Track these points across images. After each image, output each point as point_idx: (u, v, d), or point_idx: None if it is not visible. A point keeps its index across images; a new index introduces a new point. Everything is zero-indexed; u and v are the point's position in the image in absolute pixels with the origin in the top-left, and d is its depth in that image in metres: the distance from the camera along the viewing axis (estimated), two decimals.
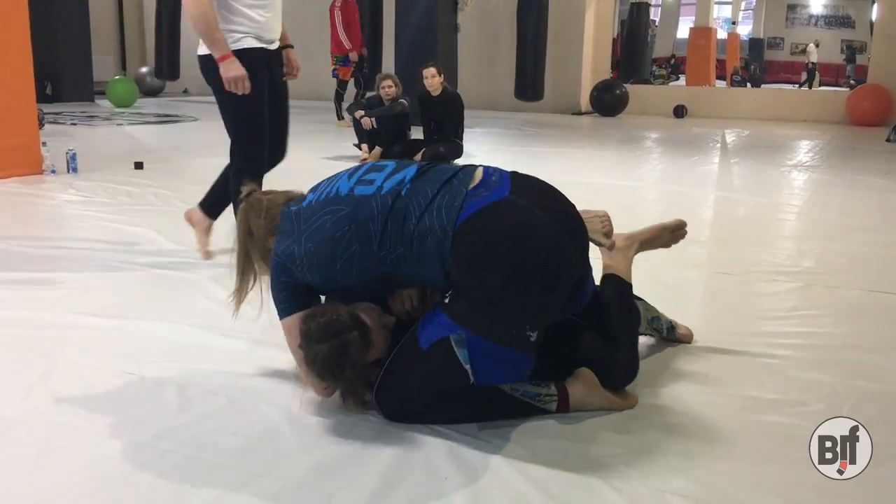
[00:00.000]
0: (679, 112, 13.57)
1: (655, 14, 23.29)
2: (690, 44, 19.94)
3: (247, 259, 2.22)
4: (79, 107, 12.36)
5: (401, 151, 7.33)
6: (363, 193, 2.02)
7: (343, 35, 10.29)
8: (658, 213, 5.23)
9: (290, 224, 2.08)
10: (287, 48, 3.66)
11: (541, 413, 2.07)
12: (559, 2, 12.88)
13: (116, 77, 13.54)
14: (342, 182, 2.10)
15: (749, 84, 21.49)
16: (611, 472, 1.83)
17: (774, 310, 3.12)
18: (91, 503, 1.69)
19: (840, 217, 5.13)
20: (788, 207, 5.52)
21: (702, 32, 19.58)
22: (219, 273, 3.35)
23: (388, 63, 11.66)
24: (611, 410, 2.13)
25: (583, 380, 2.14)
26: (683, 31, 23.37)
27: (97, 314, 2.87)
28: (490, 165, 2.14)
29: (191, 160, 7.17)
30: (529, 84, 12.02)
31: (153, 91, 15.11)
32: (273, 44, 3.50)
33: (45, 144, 6.07)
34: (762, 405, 2.23)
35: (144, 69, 15.51)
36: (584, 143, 9.67)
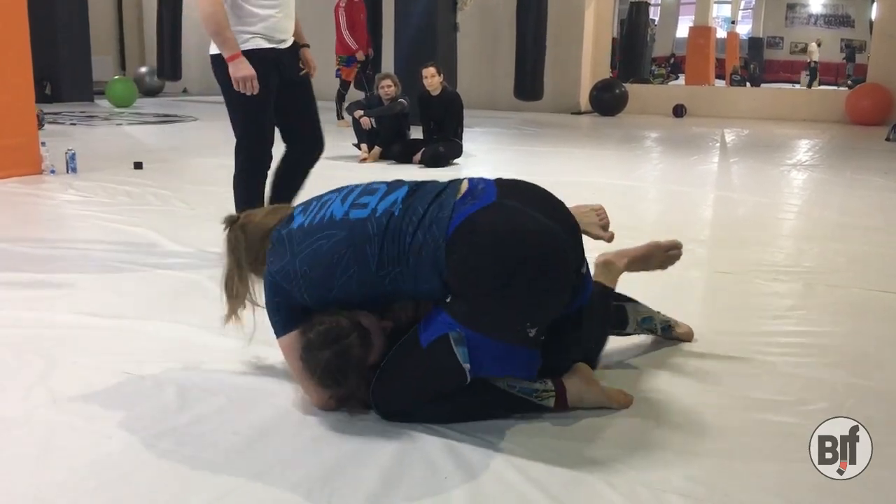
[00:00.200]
0: (678, 111, 13.57)
1: (655, 13, 23.28)
2: (690, 43, 19.95)
3: (237, 284, 2.25)
4: (78, 107, 12.35)
5: (400, 151, 7.33)
6: (358, 217, 2.04)
7: (347, 36, 10.28)
8: (658, 213, 5.24)
9: (283, 247, 2.10)
10: (303, 47, 3.66)
11: (539, 409, 2.08)
12: (559, 1, 12.88)
13: (116, 77, 13.54)
14: (335, 206, 2.11)
15: (748, 83, 21.48)
16: (610, 471, 1.83)
17: (774, 309, 3.13)
18: (90, 503, 1.69)
19: (840, 216, 5.13)
20: (788, 207, 5.52)
21: (701, 32, 19.58)
22: (218, 273, 3.35)
23: (388, 63, 11.66)
24: (609, 408, 2.13)
25: (580, 375, 2.14)
26: (683, 31, 23.38)
27: (97, 314, 2.87)
28: (475, 177, 2.17)
29: (190, 160, 7.17)
30: (529, 83, 12.01)
31: (152, 91, 15.11)
32: (284, 43, 3.48)
33: (45, 144, 6.07)
34: (762, 404, 2.23)
35: (144, 69, 15.51)
36: (584, 143, 9.66)
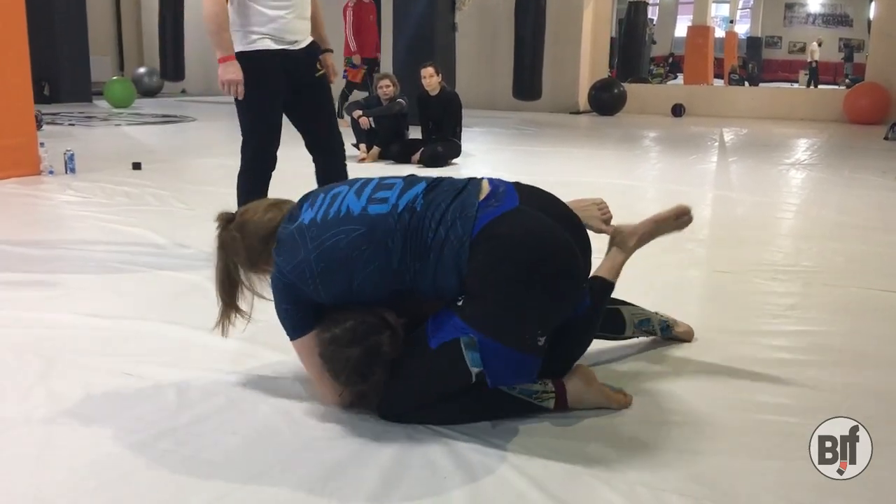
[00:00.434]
0: (677, 111, 13.58)
1: (653, 13, 23.29)
2: (688, 42, 19.96)
3: (230, 287, 2.19)
4: (76, 107, 12.34)
5: (399, 151, 7.33)
6: (378, 212, 2.01)
7: (351, 37, 10.25)
8: (657, 212, 5.23)
9: (294, 243, 2.04)
10: (325, 52, 3.67)
11: (539, 411, 2.07)
12: (557, 1, 12.89)
13: (114, 77, 13.52)
14: (350, 200, 2.06)
15: (747, 83, 21.51)
16: (609, 471, 1.83)
17: (773, 308, 3.13)
18: (90, 503, 1.69)
19: (838, 215, 5.13)
20: (787, 206, 5.53)
21: (700, 31, 19.60)
22: None
23: (386, 63, 11.66)
24: (609, 408, 2.13)
25: (579, 376, 2.14)
26: (681, 30, 23.39)
27: (96, 315, 2.87)
28: (494, 177, 2.17)
29: (189, 161, 7.16)
30: (527, 83, 12.02)
31: (151, 91, 15.10)
32: (296, 44, 3.44)
33: (43, 145, 6.06)
34: (761, 404, 2.23)
35: (142, 69, 15.51)
36: (583, 143, 9.67)
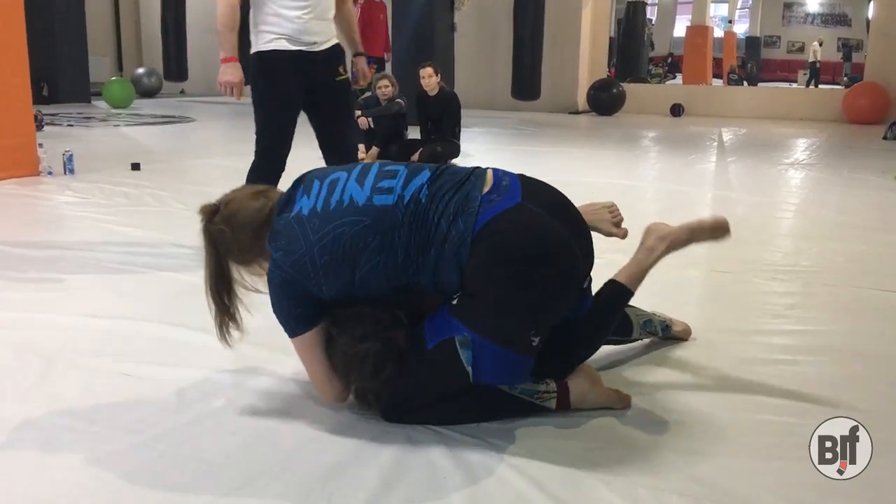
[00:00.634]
0: (676, 111, 13.58)
1: (652, 13, 23.30)
2: (687, 42, 19.98)
3: (225, 290, 2.11)
4: (75, 108, 12.32)
5: (398, 151, 7.33)
6: (384, 203, 1.96)
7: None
8: (656, 212, 5.22)
9: (294, 234, 1.97)
10: (357, 56, 3.69)
11: (540, 411, 2.07)
12: (556, 1, 12.89)
13: (113, 78, 13.50)
14: (353, 189, 1.99)
15: (746, 82, 21.52)
16: (609, 471, 1.83)
17: (772, 308, 3.13)
18: (90, 503, 1.69)
19: (837, 215, 5.14)
20: (786, 206, 5.53)
21: (698, 31, 19.61)
22: None
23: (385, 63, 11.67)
24: (610, 409, 2.13)
25: (582, 376, 2.14)
26: (680, 30, 23.40)
27: (95, 315, 2.87)
28: (498, 168, 2.13)
29: (188, 161, 7.16)
30: (526, 83, 12.03)
31: (150, 92, 15.10)
32: (315, 46, 3.42)
33: (42, 146, 6.06)
34: (761, 404, 2.22)
35: (141, 70, 15.50)
36: (582, 142, 9.67)
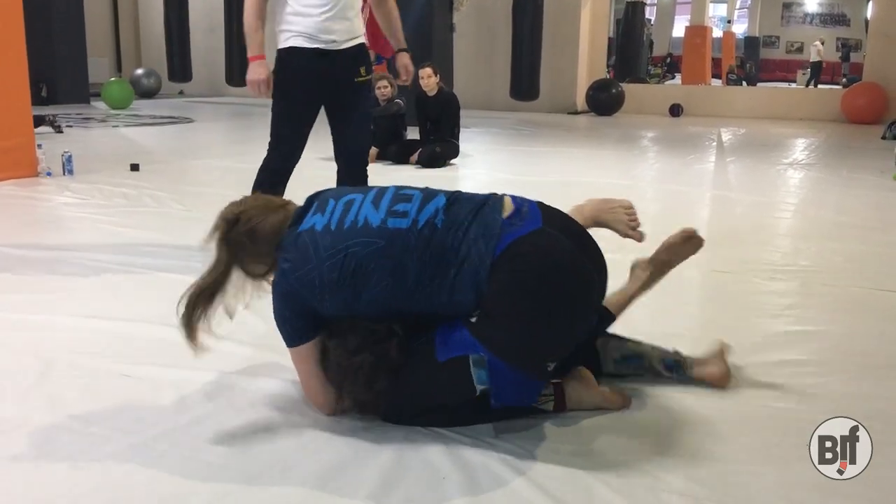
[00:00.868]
0: (675, 111, 13.59)
1: (651, 13, 23.31)
2: (686, 42, 19.98)
3: (205, 303, 2.01)
4: (74, 109, 12.32)
5: (397, 151, 7.34)
6: (398, 227, 1.96)
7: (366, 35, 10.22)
8: (655, 212, 5.23)
9: (304, 249, 1.97)
10: (400, 52, 3.69)
11: (538, 413, 2.07)
12: (555, 1, 12.90)
13: (112, 79, 13.50)
14: (368, 210, 2.00)
15: (745, 83, 21.53)
16: (609, 471, 1.83)
17: (771, 308, 3.13)
18: (90, 503, 1.69)
19: (836, 215, 5.14)
20: (785, 206, 5.53)
21: (697, 31, 19.61)
22: None
23: None
24: (608, 409, 2.13)
25: (579, 378, 2.14)
26: (679, 30, 23.40)
27: (94, 316, 2.86)
28: (516, 195, 2.11)
29: (187, 162, 7.16)
30: (525, 83, 12.06)
31: (149, 92, 15.10)
32: (334, 44, 3.41)
33: (41, 146, 6.06)
34: (760, 404, 2.22)
35: (140, 70, 15.50)
36: (581, 143, 9.67)
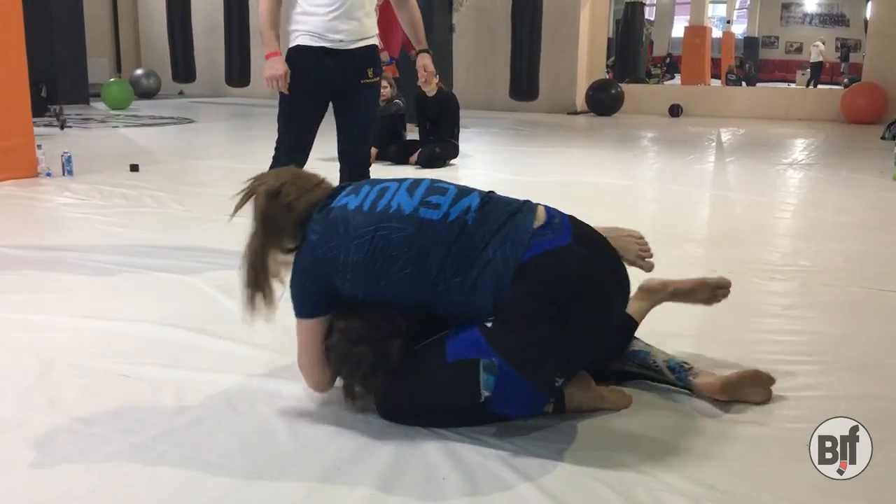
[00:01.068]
0: (674, 111, 13.58)
1: (650, 13, 23.30)
2: (685, 43, 19.96)
3: (262, 269, 2.03)
4: (74, 109, 12.30)
5: (396, 152, 7.33)
6: (429, 217, 1.96)
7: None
8: (655, 212, 5.24)
9: (335, 225, 1.98)
10: (420, 52, 3.69)
11: (536, 414, 2.07)
12: (554, 1, 12.89)
13: (111, 79, 13.49)
14: (402, 197, 2.01)
15: (744, 83, 21.52)
16: (608, 471, 1.83)
17: (771, 308, 3.13)
18: (90, 503, 1.69)
19: (836, 215, 5.14)
20: (784, 206, 5.53)
21: (697, 31, 19.59)
22: (216, 275, 3.35)
23: None
24: (607, 410, 2.13)
25: (576, 382, 2.12)
26: (678, 30, 23.40)
27: (94, 316, 2.86)
28: (550, 206, 2.10)
29: (187, 162, 7.16)
30: (525, 84, 12.03)
31: (148, 93, 15.09)
32: (342, 43, 3.42)
33: (41, 147, 6.05)
34: (760, 404, 2.22)
35: (140, 71, 15.51)
36: (581, 143, 9.67)
